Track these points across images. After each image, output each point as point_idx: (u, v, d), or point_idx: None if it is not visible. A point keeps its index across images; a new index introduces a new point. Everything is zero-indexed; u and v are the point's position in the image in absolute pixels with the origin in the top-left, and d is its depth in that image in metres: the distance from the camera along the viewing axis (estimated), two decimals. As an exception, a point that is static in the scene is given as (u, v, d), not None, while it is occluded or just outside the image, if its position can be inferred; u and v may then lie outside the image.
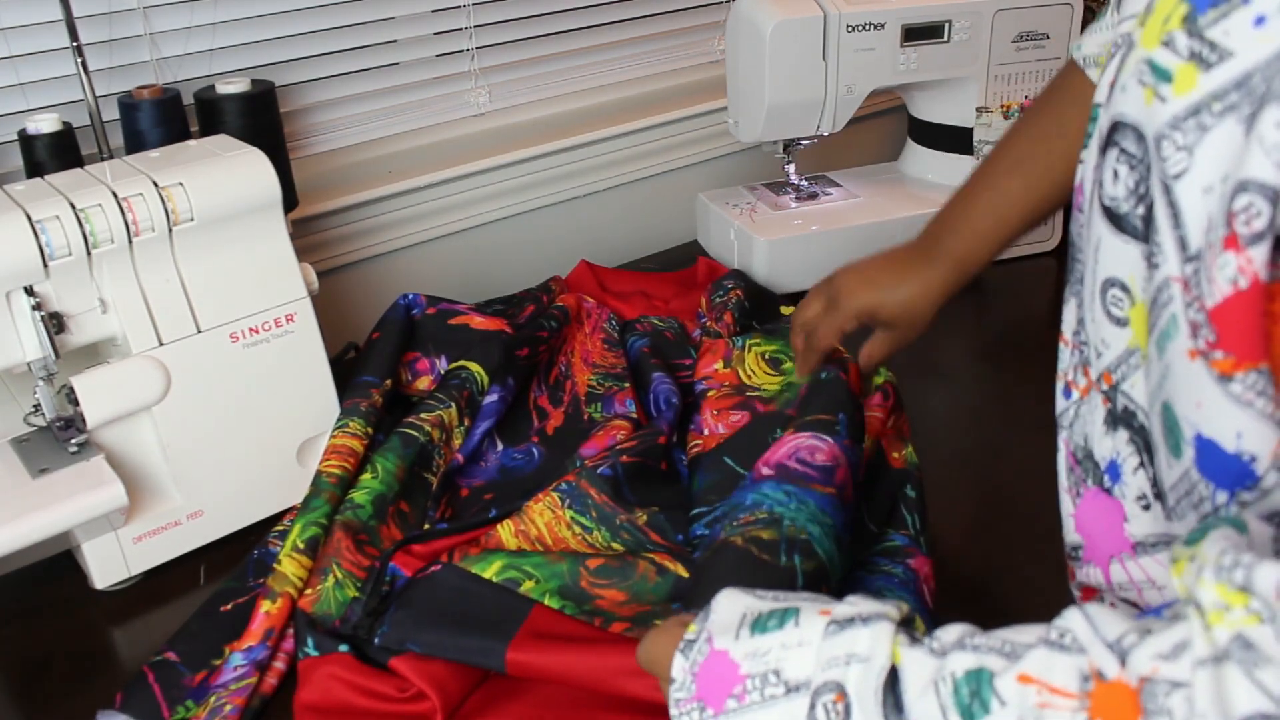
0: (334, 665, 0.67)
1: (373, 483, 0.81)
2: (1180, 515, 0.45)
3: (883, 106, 1.48)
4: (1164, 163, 0.41)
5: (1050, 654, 0.36)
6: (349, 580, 0.74)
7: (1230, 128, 0.38)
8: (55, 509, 0.72)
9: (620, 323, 1.09)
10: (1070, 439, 0.55)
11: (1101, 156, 0.48)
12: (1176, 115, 0.41)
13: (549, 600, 0.71)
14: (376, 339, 0.95)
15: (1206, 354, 0.39)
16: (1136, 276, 0.46)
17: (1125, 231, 0.46)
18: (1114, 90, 0.47)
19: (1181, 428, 0.42)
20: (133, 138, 0.93)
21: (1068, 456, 0.55)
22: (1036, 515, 0.82)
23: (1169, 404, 0.43)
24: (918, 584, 0.71)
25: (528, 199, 1.25)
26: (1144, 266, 0.45)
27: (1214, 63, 0.39)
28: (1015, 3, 1.15)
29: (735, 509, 0.70)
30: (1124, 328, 0.48)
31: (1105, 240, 0.48)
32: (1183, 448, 0.42)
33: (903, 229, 1.19)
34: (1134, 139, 0.45)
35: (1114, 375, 0.49)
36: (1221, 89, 0.39)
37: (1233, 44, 0.39)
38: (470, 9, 1.16)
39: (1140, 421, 0.48)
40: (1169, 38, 0.42)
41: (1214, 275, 0.38)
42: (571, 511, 0.78)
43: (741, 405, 0.90)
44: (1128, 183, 0.46)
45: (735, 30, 1.14)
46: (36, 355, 0.73)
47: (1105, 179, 0.47)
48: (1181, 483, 0.44)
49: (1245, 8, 0.38)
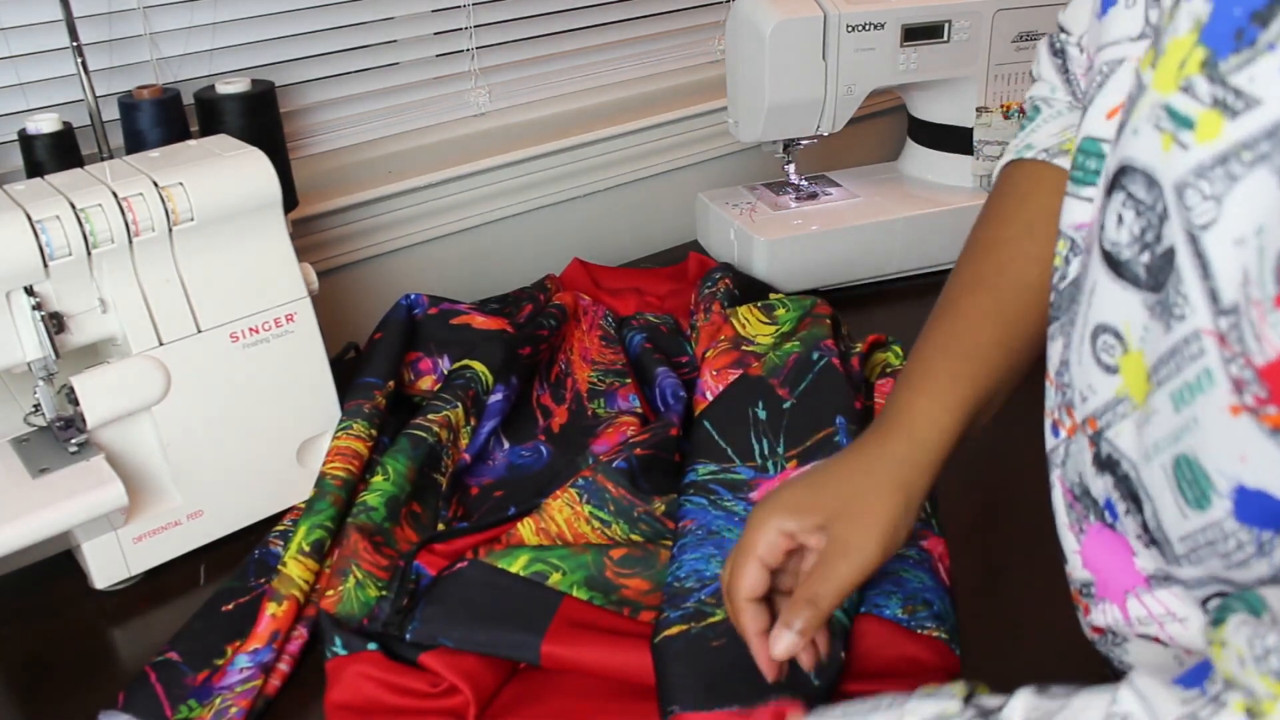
0: (364, 664, 0.67)
1: (384, 484, 0.81)
2: (1197, 561, 0.44)
3: (883, 106, 1.48)
4: (1189, 212, 0.40)
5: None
6: (370, 580, 0.74)
7: (1263, 178, 0.37)
8: (55, 509, 0.72)
9: (616, 319, 1.09)
10: (1064, 476, 0.53)
11: (1106, 199, 0.46)
12: (1202, 164, 0.39)
13: (577, 592, 0.71)
14: (378, 339, 0.96)
15: (1256, 410, 0.38)
16: (1134, 324, 0.45)
17: (1125, 278, 0.45)
18: (1124, 132, 0.45)
19: (1213, 481, 0.41)
20: (133, 138, 0.93)
21: (1065, 494, 0.54)
22: (1036, 516, 0.82)
23: (1191, 458, 0.42)
24: (932, 563, 0.71)
25: (528, 199, 1.25)
26: (1144, 315, 0.44)
27: (1240, 110, 0.38)
28: (1015, 3, 1.15)
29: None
30: (1112, 375, 0.47)
31: (1101, 285, 0.47)
32: (1211, 499, 0.41)
33: (903, 229, 1.19)
34: (1144, 185, 0.43)
35: (1099, 422, 0.48)
36: (1251, 138, 0.37)
37: (1260, 91, 0.37)
38: (470, 9, 1.16)
39: (1124, 471, 0.47)
40: (1188, 83, 0.40)
41: (1264, 333, 0.37)
42: (590, 506, 0.78)
43: (738, 363, 0.92)
44: (1133, 229, 0.44)
45: (735, 30, 1.14)
46: (36, 355, 0.73)
47: (1107, 223, 0.46)
48: (1204, 533, 0.43)
49: (1272, 54, 0.37)
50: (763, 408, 0.85)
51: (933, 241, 1.21)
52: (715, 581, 0.69)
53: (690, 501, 0.78)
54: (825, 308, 0.99)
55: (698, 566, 0.71)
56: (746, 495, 0.78)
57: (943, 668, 0.65)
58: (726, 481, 0.79)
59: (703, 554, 0.72)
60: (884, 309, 1.17)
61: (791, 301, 1.02)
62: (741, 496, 0.78)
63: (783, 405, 0.85)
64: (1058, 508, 0.55)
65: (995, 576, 0.76)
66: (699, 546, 0.73)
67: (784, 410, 0.85)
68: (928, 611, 0.68)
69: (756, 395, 0.86)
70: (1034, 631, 0.71)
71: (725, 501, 0.77)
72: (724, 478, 0.80)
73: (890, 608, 0.68)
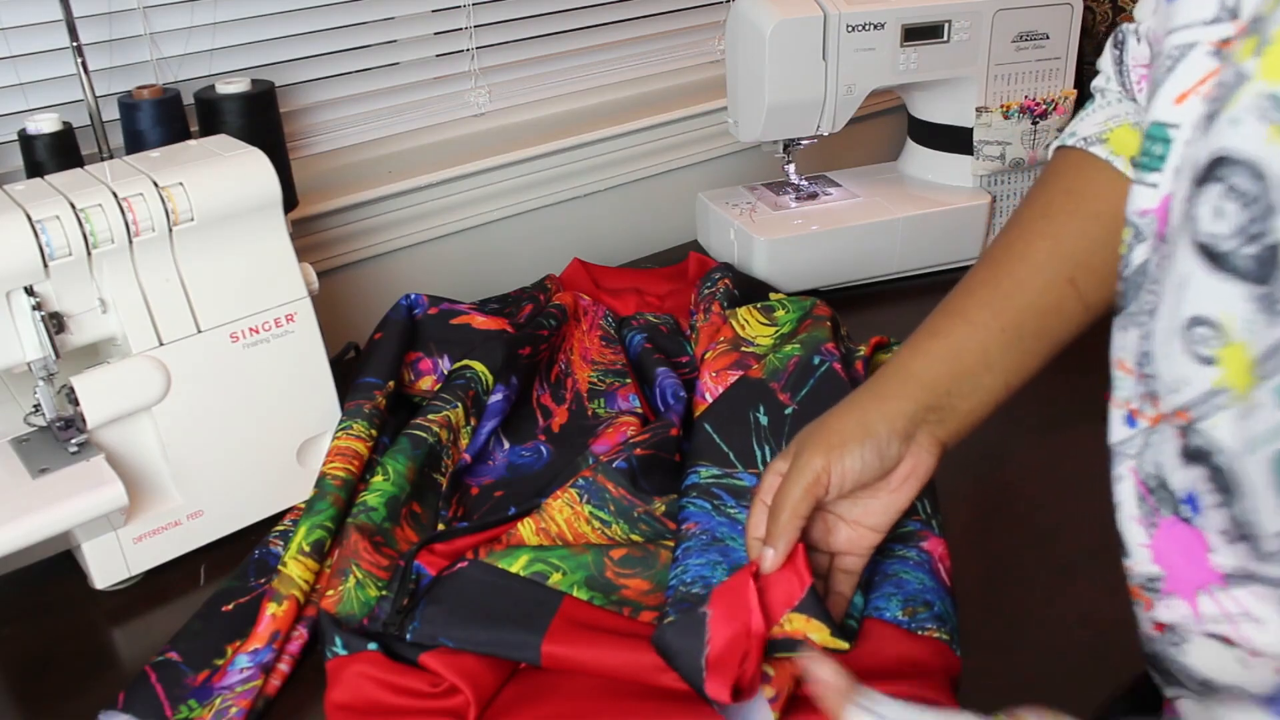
0: (364, 664, 0.67)
1: (384, 485, 0.81)
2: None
3: (883, 106, 1.48)
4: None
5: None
6: (370, 580, 0.74)
7: None
8: (55, 509, 0.72)
9: (616, 319, 1.09)
10: (1139, 468, 0.53)
11: (1197, 190, 0.45)
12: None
13: (577, 592, 0.71)
14: (378, 339, 0.95)
15: None
16: (1236, 316, 0.44)
17: (1226, 270, 0.44)
18: (1218, 122, 0.44)
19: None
20: (133, 138, 0.93)
21: (1138, 485, 0.53)
22: (1037, 516, 0.82)
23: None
24: (932, 564, 0.71)
25: (528, 199, 1.25)
26: (1249, 307, 0.43)
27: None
28: (1015, 3, 1.15)
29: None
30: (1210, 366, 0.46)
31: (1195, 277, 0.46)
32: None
33: (903, 229, 1.19)
34: (1249, 176, 0.42)
35: (1191, 413, 0.47)
36: None
37: None
38: (470, 9, 1.16)
39: (1218, 462, 0.46)
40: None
41: None
42: (590, 507, 0.78)
43: (738, 364, 0.92)
44: (1236, 221, 0.43)
45: (735, 30, 1.14)
46: (36, 355, 0.73)
47: (1201, 214, 0.45)
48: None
49: None
50: (764, 412, 0.85)
51: (933, 241, 1.21)
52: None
53: (693, 504, 0.77)
54: (825, 309, 0.99)
55: (703, 572, 0.71)
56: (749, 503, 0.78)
57: (944, 669, 0.65)
58: (730, 487, 0.79)
59: (707, 560, 0.72)
60: (884, 309, 1.17)
61: (791, 302, 1.02)
62: (744, 504, 0.78)
63: (784, 411, 0.85)
64: (1124, 500, 0.54)
65: (996, 577, 0.76)
66: (703, 552, 0.73)
67: (785, 416, 0.84)
68: (928, 613, 0.68)
69: (757, 399, 0.86)
70: (1035, 632, 0.71)
71: (729, 508, 0.77)
72: (727, 483, 0.80)
73: (890, 610, 0.68)
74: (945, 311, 0.67)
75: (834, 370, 0.86)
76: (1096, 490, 0.85)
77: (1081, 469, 0.69)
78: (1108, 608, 0.73)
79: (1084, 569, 0.76)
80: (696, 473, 0.81)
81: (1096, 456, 0.89)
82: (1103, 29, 1.42)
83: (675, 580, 0.71)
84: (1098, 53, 1.63)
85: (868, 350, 0.93)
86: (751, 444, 0.83)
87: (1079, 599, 0.74)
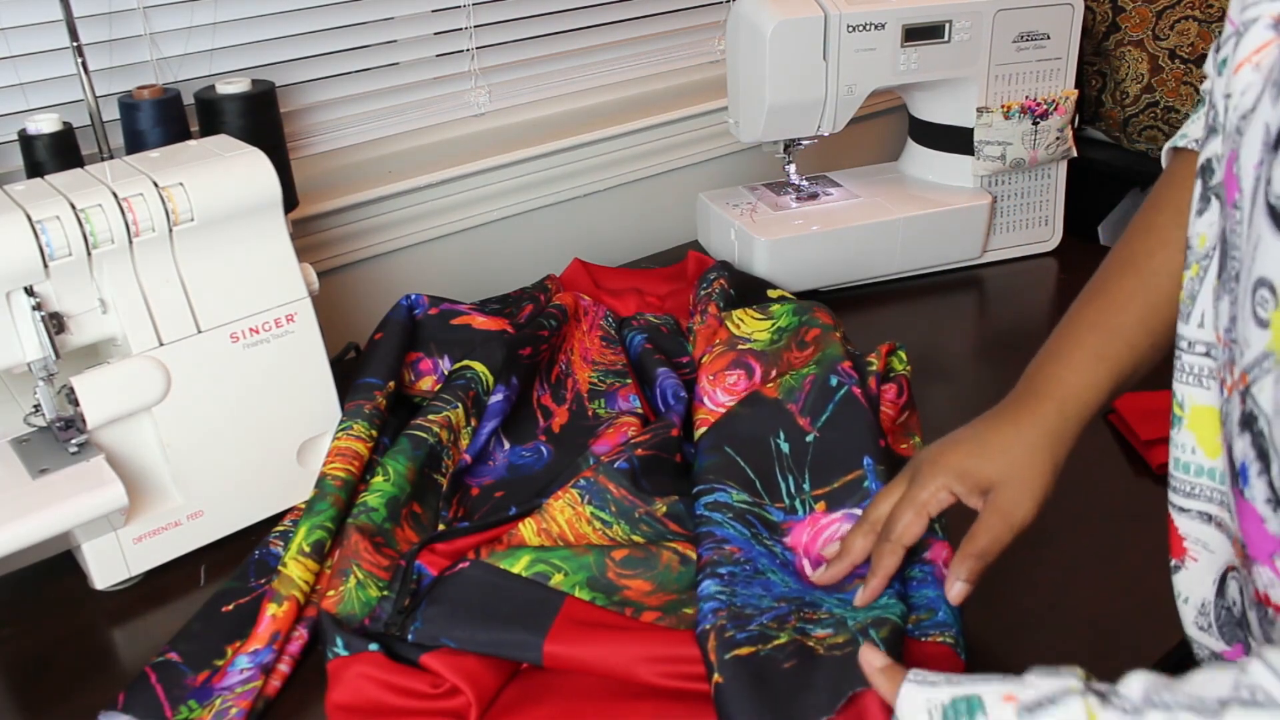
0: (365, 664, 0.67)
1: (384, 485, 0.81)
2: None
3: (883, 106, 1.48)
4: None
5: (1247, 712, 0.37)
6: (370, 580, 0.74)
7: None
8: (55, 509, 0.72)
9: (616, 320, 1.09)
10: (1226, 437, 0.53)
11: (1272, 154, 0.46)
12: None
13: (579, 592, 0.71)
14: (379, 340, 0.95)
15: None
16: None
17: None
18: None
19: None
20: (133, 138, 0.93)
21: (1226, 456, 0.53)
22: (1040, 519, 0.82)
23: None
24: (937, 572, 0.71)
25: (528, 199, 1.25)
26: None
27: None
28: (1015, 3, 1.15)
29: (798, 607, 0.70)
30: (1265, 329, 0.46)
31: (1265, 240, 0.46)
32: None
33: (903, 229, 1.19)
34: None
35: (1249, 376, 0.48)
36: None
37: None
38: (470, 9, 1.16)
39: (1260, 427, 0.47)
40: None
41: None
42: (591, 507, 0.78)
43: (736, 363, 0.91)
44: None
45: (735, 30, 1.14)
46: (36, 355, 0.73)
47: (1275, 177, 0.45)
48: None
49: None
50: (785, 439, 0.83)
51: (933, 241, 1.21)
52: (772, 609, 0.69)
53: (732, 527, 0.75)
54: (826, 316, 0.95)
55: (752, 600, 0.70)
56: (781, 539, 0.76)
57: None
58: (762, 519, 0.78)
59: (753, 593, 0.71)
60: (884, 309, 1.17)
61: (787, 301, 1.01)
62: (777, 539, 0.76)
63: (805, 438, 0.82)
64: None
65: (1000, 581, 0.76)
66: (749, 584, 0.71)
67: (807, 444, 0.82)
68: (932, 619, 0.68)
69: (776, 423, 0.84)
70: (1040, 635, 0.71)
71: (765, 540, 0.76)
72: (758, 514, 0.78)
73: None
74: (1106, 330, 0.66)
75: (853, 395, 0.83)
76: (1097, 491, 0.85)
77: (1082, 469, 0.69)
78: (1112, 610, 0.73)
79: (1087, 571, 0.76)
80: (726, 492, 0.78)
81: (1097, 457, 0.89)
82: (1102, 29, 1.42)
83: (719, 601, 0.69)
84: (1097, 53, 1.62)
85: (880, 364, 0.88)
86: (775, 474, 0.81)
87: (1083, 601, 0.74)
